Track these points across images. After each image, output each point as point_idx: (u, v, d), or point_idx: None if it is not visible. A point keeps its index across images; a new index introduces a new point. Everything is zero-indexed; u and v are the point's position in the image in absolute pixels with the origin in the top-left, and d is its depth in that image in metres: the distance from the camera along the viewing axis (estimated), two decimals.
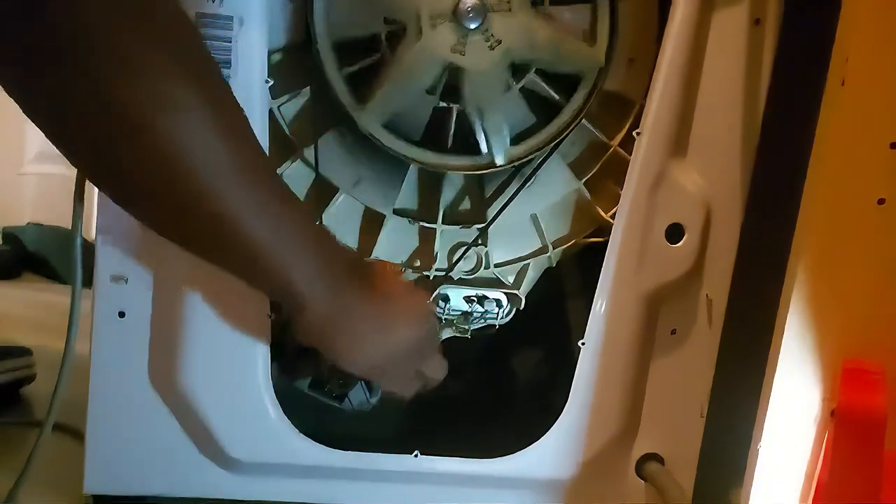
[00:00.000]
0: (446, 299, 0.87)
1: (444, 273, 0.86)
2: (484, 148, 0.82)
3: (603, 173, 0.86)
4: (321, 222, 0.84)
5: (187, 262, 0.78)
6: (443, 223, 0.85)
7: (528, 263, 0.88)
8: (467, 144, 0.84)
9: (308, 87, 0.82)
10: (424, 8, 0.76)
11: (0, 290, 1.18)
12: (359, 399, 0.90)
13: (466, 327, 0.88)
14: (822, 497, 0.69)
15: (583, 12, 0.81)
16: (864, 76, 0.67)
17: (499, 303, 0.88)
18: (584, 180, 0.86)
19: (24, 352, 1.10)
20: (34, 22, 0.48)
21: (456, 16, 0.75)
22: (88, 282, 0.79)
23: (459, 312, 0.87)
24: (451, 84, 0.79)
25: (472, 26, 0.76)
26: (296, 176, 0.83)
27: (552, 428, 0.84)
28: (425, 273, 0.87)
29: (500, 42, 0.77)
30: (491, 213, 0.85)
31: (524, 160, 0.83)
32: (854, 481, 0.67)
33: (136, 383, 0.80)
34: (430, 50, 0.76)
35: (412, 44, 0.76)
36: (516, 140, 0.84)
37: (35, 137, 1.80)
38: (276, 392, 0.81)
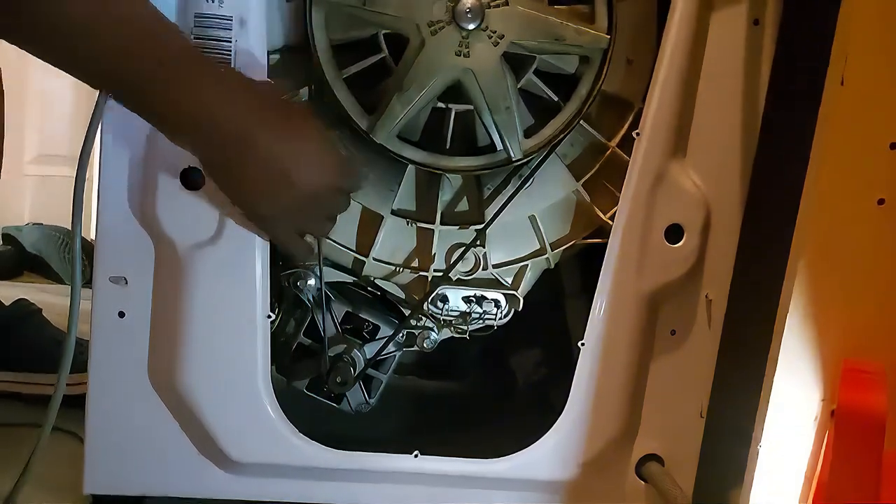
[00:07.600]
0: (445, 300, 0.87)
1: (442, 274, 0.86)
2: (498, 145, 0.81)
3: (602, 174, 0.86)
4: None
5: (187, 262, 0.78)
6: (441, 224, 0.85)
7: (527, 264, 0.88)
8: (465, 144, 0.84)
9: (307, 88, 0.82)
10: (422, 17, 0.75)
11: (0, 290, 1.18)
12: (357, 400, 0.90)
13: (465, 328, 0.88)
14: (822, 497, 0.69)
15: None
16: (864, 76, 0.67)
17: (497, 303, 0.87)
18: (582, 181, 0.86)
19: None
20: None
21: (455, 18, 0.75)
22: (88, 282, 0.79)
23: (458, 313, 0.87)
24: (452, 86, 0.79)
25: (472, 26, 0.75)
26: None
27: (552, 428, 0.84)
28: (423, 273, 0.86)
29: (502, 36, 0.76)
30: (489, 213, 0.85)
31: (529, 159, 0.83)
32: (854, 481, 0.67)
33: (136, 383, 0.80)
34: (434, 58, 0.76)
35: (416, 54, 0.76)
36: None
37: (34, 139, 1.81)
38: (275, 392, 0.81)
